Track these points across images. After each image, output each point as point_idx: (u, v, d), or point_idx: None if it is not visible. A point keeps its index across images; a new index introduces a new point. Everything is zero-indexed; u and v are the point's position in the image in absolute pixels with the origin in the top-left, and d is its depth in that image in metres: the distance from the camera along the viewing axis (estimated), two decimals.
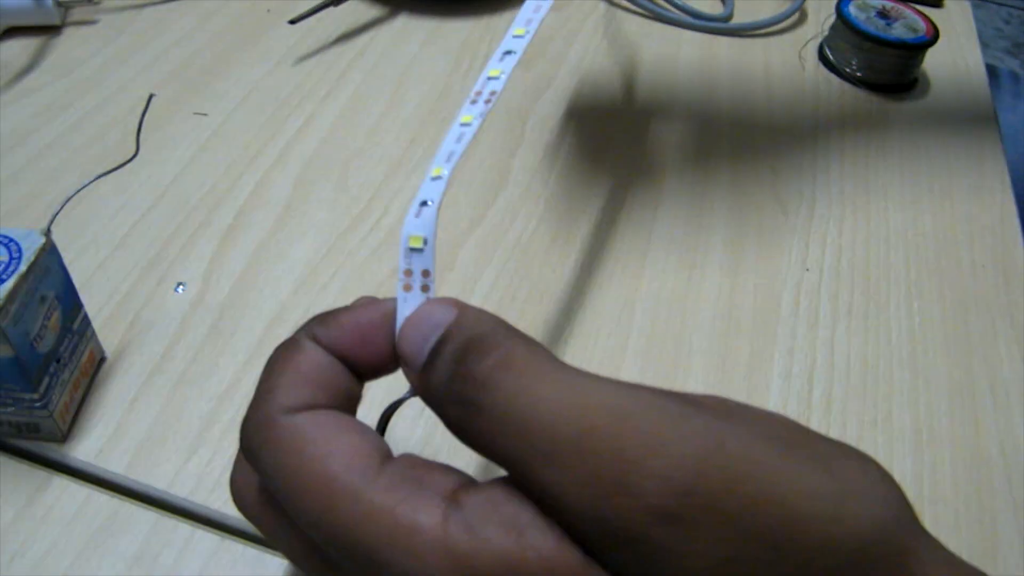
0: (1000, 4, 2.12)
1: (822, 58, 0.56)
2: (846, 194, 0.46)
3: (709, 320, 0.38)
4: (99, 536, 0.29)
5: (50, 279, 0.30)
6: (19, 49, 0.51)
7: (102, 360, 0.34)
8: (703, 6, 0.59)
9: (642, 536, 0.16)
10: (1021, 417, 0.36)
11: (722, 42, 0.57)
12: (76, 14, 0.54)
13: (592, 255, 0.41)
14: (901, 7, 0.55)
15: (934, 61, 0.56)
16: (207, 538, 0.30)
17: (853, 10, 0.54)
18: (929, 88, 0.54)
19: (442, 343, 0.20)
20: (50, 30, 0.52)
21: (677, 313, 0.38)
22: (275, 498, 0.20)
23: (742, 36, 0.58)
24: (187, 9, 0.55)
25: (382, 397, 0.23)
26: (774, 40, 0.58)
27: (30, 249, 0.29)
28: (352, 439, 0.19)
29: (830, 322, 0.39)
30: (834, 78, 0.54)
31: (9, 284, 0.27)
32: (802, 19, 0.60)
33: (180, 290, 0.38)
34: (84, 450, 0.32)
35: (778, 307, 0.39)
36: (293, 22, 0.52)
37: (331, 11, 0.54)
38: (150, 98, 0.47)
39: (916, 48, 0.52)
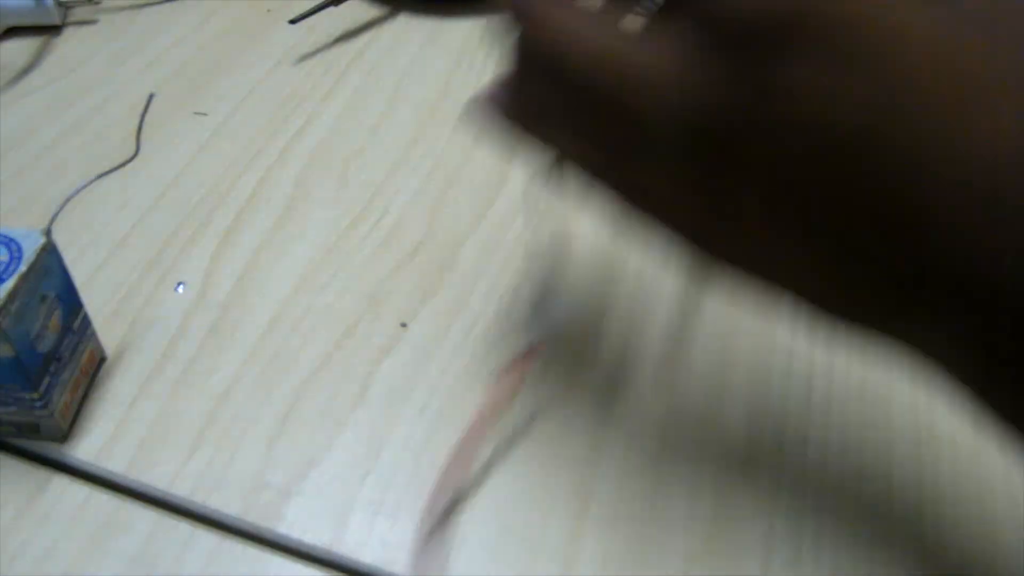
0: None
1: None
2: None
3: (709, 319, 0.38)
4: (99, 535, 0.29)
5: (50, 279, 0.30)
6: (19, 49, 0.51)
7: (102, 360, 0.34)
8: None
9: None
10: None
11: None
12: (76, 14, 0.54)
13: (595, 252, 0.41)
14: None
15: None
16: (207, 538, 0.30)
17: None
18: None
19: None
20: (50, 30, 0.52)
21: None
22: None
23: None
24: (187, 9, 0.55)
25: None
26: None
27: (30, 249, 0.29)
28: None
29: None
30: None
31: (9, 284, 0.27)
32: None
33: (180, 290, 0.38)
34: (84, 450, 0.32)
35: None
36: (293, 22, 0.53)
37: (331, 11, 0.54)
38: (150, 98, 0.47)
39: None
